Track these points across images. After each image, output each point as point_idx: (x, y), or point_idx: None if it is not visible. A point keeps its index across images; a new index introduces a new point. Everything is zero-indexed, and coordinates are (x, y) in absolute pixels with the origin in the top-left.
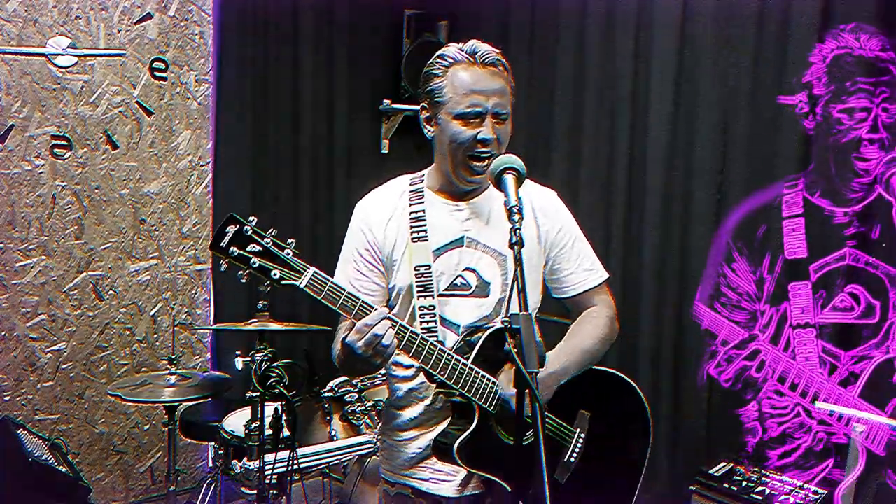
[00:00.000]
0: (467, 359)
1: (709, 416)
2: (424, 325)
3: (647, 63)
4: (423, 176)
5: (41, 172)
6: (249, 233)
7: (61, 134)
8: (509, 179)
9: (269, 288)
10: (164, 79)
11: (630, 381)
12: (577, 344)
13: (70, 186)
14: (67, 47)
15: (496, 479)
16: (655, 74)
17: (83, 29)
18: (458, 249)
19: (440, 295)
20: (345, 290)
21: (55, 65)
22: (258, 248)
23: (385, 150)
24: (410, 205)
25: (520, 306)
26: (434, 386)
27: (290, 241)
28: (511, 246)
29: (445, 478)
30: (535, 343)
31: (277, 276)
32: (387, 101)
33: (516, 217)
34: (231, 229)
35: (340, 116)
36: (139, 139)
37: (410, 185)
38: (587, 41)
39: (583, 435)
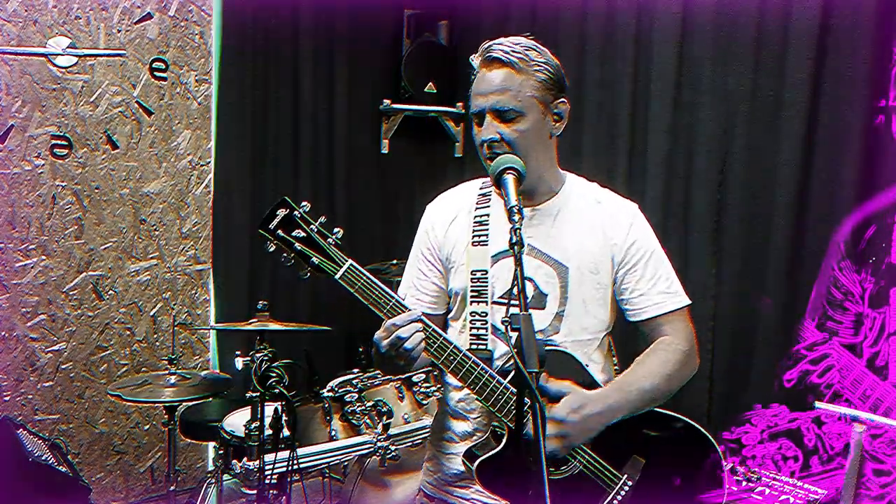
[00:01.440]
0: (509, 374)
1: (709, 415)
2: (475, 331)
3: (647, 63)
4: None
5: (41, 172)
6: (298, 218)
7: (61, 134)
8: (509, 180)
9: (307, 275)
10: (164, 79)
11: (706, 432)
12: (633, 382)
13: (70, 186)
14: (67, 47)
15: None
16: (655, 74)
17: (83, 29)
18: None
19: (494, 302)
20: (378, 286)
21: (55, 65)
22: (303, 234)
23: (385, 150)
24: (476, 208)
25: (520, 306)
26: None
27: (336, 230)
28: (511, 246)
29: (489, 499)
30: (535, 343)
31: (316, 263)
32: (387, 101)
33: (516, 217)
34: (281, 212)
35: (340, 116)
36: (139, 139)
37: (481, 188)
38: (587, 42)
39: (629, 483)
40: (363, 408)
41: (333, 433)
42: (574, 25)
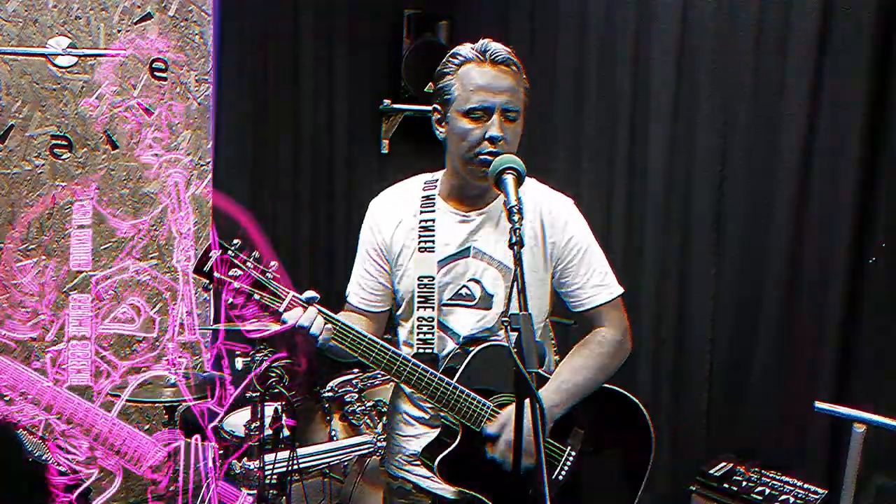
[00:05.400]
0: (455, 372)
1: (709, 416)
2: (422, 335)
3: (646, 61)
4: (436, 181)
5: (41, 172)
6: (232, 258)
7: (61, 134)
8: (509, 180)
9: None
10: (165, 79)
11: (632, 397)
12: (570, 379)
13: (70, 186)
14: (67, 47)
15: (480, 497)
16: (655, 72)
17: (83, 29)
18: (464, 260)
19: (443, 304)
20: (324, 312)
21: (55, 65)
22: (239, 272)
23: (385, 150)
24: (421, 212)
25: (520, 306)
26: None
27: (272, 263)
28: (511, 246)
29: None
30: (534, 343)
31: (258, 300)
32: (387, 101)
33: (516, 217)
34: (213, 254)
35: (340, 117)
36: (139, 139)
37: (424, 189)
38: (587, 41)
39: (573, 453)
40: (363, 408)
41: (333, 433)
42: (573, 25)
